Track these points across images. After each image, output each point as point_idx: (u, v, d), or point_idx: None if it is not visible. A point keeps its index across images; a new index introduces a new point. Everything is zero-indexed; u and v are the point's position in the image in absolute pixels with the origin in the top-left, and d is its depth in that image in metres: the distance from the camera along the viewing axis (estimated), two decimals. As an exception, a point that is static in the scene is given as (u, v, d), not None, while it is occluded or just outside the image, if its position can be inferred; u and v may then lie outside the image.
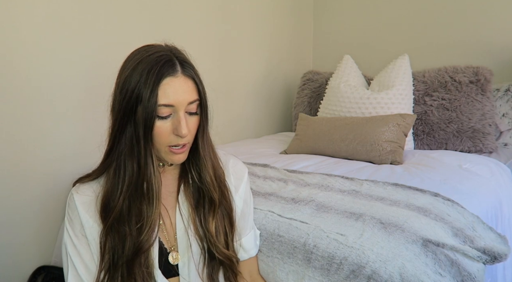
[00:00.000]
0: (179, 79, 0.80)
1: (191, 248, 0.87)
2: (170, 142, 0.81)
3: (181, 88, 0.79)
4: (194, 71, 0.83)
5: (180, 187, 0.89)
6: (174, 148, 0.81)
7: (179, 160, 0.84)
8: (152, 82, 0.77)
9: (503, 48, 2.19)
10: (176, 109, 0.79)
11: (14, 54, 1.47)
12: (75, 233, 0.83)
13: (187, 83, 0.80)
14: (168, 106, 0.78)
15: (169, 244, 0.88)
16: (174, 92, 0.78)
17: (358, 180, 1.39)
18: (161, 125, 0.79)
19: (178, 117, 0.79)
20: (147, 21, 1.88)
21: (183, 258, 0.87)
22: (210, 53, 2.24)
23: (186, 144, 0.83)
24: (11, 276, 1.54)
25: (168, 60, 0.80)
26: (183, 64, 0.81)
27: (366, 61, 2.49)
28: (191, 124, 0.82)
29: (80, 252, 0.83)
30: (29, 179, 1.55)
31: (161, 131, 0.79)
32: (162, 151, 0.82)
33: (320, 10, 2.94)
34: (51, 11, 1.55)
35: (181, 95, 0.79)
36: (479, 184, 1.44)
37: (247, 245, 0.97)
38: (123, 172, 0.81)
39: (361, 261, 0.90)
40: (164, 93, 0.77)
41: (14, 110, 1.49)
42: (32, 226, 1.58)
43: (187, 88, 0.80)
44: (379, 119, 1.80)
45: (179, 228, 0.88)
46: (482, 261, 0.96)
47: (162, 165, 0.89)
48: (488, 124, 1.87)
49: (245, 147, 2.06)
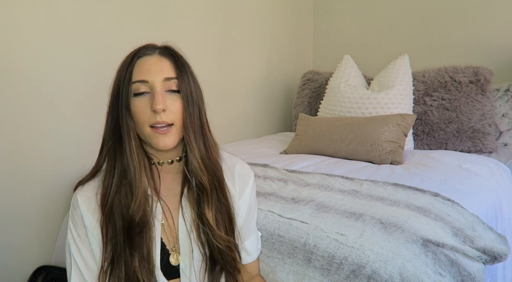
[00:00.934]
0: (153, 57, 0.82)
1: (192, 253, 0.86)
2: (149, 120, 0.79)
3: (155, 65, 0.80)
4: (175, 54, 0.83)
5: (184, 190, 0.88)
6: (157, 128, 0.80)
7: (164, 144, 0.81)
8: (128, 63, 0.81)
9: (503, 48, 2.19)
10: (151, 86, 0.79)
11: (14, 54, 1.47)
12: (78, 233, 0.83)
13: (163, 61, 0.82)
14: (142, 82, 0.79)
15: (171, 245, 0.87)
16: (147, 69, 0.80)
17: (358, 180, 1.39)
18: (138, 103, 0.80)
19: (154, 92, 0.79)
20: (147, 21, 1.88)
21: (184, 260, 0.87)
22: (210, 53, 2.24)
23: (171, 125, 0.80)
24: (11, 276, 1.54)
25: (149, 44, 0.83)
26: (164, 47, 0.84)
27: (366, 61, 2.49)
28: (170, 102, 0.80)
29: (82, 253, 0.83)
30: (30, 179, 1.55)
31: (138, 109, 0.79)
32: (146, 133, 0.81)
33: (320, 10, 2.94)
34: (51, 11, 1.55)
35: (155, 71, 0.80)
36: (479, 184, 1.44)
37: (250, 249, 0.96)
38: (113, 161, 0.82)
39: (361, 261, 0.90)
40: (138, 71, 0.80)
41: (14, 110, 1.49)
42: (32, 226, 1.58)
43: (162, 66, 0.81)
44: (379, 119, 1.80)
45: (181, 229, 0.87)
46: (482, 261, 0.96)
47: (161, 163, 0.88)
48: (488, 124, 1.87)
49: (245, 147, 2.06)
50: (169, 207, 0.87)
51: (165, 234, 0.87)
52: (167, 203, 0.87)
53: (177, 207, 0.88)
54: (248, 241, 0.96)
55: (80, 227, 0.83)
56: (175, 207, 0.88)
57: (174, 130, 0.81)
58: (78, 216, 0.84)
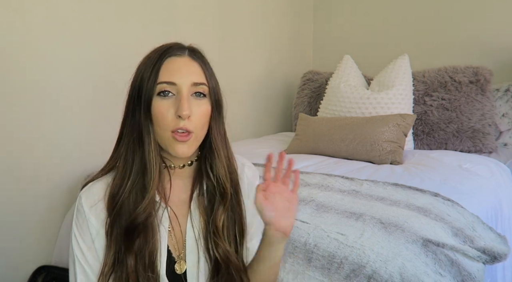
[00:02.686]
0: (184, 59, 0.77)
1: (199, 261, 0.83)
2: (173, 125, 0.74)
3: (185, 67, 0.76)
4: (203, 59, 0.80)
5: (193, 195, 0.85)
6: (177, 133, 0.75)
7: (183, 152, 0.77)
8: (155, 61, 0.75)
9: (503, 48, 2.19)
10: (179, 89, 0.75)
11: (14, 54, 1.47)
12: (84, 240, 0.79)
13: (193, 64, 0.78)
14: (169, 84, 0.74)
15: (177, 252, 0.84)
16: (177, 70, 0.75)
17: (358, 180, 1.39)
18: (161, 104, 0.75)
19: (180, 96, 0.74)
20: (147, 22, 1.88)
21: (190, 268, 0.83)
22: (210, 53, 2.22)
23: (191, 132, 0.76)
24: (11, 276, 1.54)
25: (177, 44, 0.78)
26: (192, 50, 0.79)
27: (366, 61, 2.49)
28: (196, 108, 0.76)
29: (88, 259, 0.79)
30: (30, 179, 1.55)
31: (161, 111, 0.74)
32: (165, 137, 0.76)
33: (320, 10, 2.94)
34: (51, 11, 1.55)
35: (184, 73, 0.75)
36: (479, 184, 1.45)
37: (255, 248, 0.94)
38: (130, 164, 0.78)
39: (361, 261, 0.90)
40: (166, 71, 0.75)
41: (14, 110, 1.48)
42: (32, 226, 1.58)
43: (192, 69, 0.77)
44: (379, 119, 1.80)
45: (189, 236, 0.84)
46: (482, 261, 0.96)
47: (173, 167, 0.84)
48: (488, 124, 1.87)
49: (245, 147, 2.06)
50: (177, 213, 0.84)
51: (172, 241, 0.84)
52: (175, 209, 0.84)
53: (186, 213, 0.85)
54: (256, 240, 0.91)
55: (86, 234, 0.79)
56: (184, 213, 0.85)
57: (193, 138, 0.78)
58: (83, 220, 0.80)
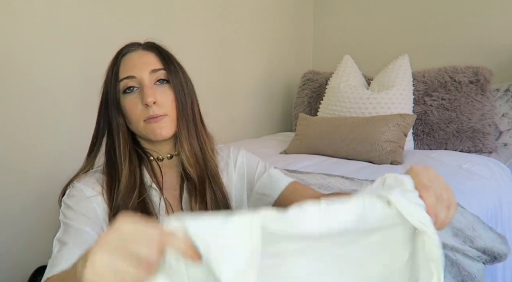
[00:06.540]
0: (138, 52, 0.82)
1: None
2: (143, 115, 0.78)
3: (140, 59, 0.81)
4: (160, 48, 0.84)
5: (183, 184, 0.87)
6: (149, 120, 0.78)
7: (160, 133, 0.79)
8: (114, 62, 0.81)
9: (503, 48, 2.19)
10: (140, 80, 0.79)
11: (13, 53, 1.47)
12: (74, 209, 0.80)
13: (147, 54, 0.82)
14: (130, 78, 0.79)
15: None
16: (133, 64, 0.80)
17: (358, 180, 1.39)
18: (128, 100, 0.79)
19: (142, 86, 0.78)
20: (147, 21, 1.88)
21: None
22: (210, 53, 2.24)
23: (164, 115, 0.78)
24: (11, 276, 1.54)
25: (132, 42, 0.84)
26: (147, 43, 0.84)
27: (366, 61, 2.49)
28: (161, 94, 0.79)
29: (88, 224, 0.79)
30: (30, 179, 1.55)
31: (129, 107, 0.79)
32: (140, 128, 0.79)
33: (320, 10, 2.94)
34: (51, 11, 1.55)
35: (141, 65, 0.79)
36: (479, 184, 1.45)
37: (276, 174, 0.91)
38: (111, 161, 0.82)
39: (361, 261, 0.90)
40: (124, 68, 0.80)
41: (13, 109, 1.48)
42: (32, 225, 1.58)
43: (148, 58, 0.81)
44: (379, 119, 1.80)
45: None
46: (482, 261, 0.96)
47: (161, 159, 0.87)
48: (488, 124, 1.87)
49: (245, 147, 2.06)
50: (171, 202, 0.87)
51: None
52: (169, 198, 0.86)
53: (179, 201, 0.87)
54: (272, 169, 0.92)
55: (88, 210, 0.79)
56: (177, 201, 0.88)
57: (167, 119, 0.80)
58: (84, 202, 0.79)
